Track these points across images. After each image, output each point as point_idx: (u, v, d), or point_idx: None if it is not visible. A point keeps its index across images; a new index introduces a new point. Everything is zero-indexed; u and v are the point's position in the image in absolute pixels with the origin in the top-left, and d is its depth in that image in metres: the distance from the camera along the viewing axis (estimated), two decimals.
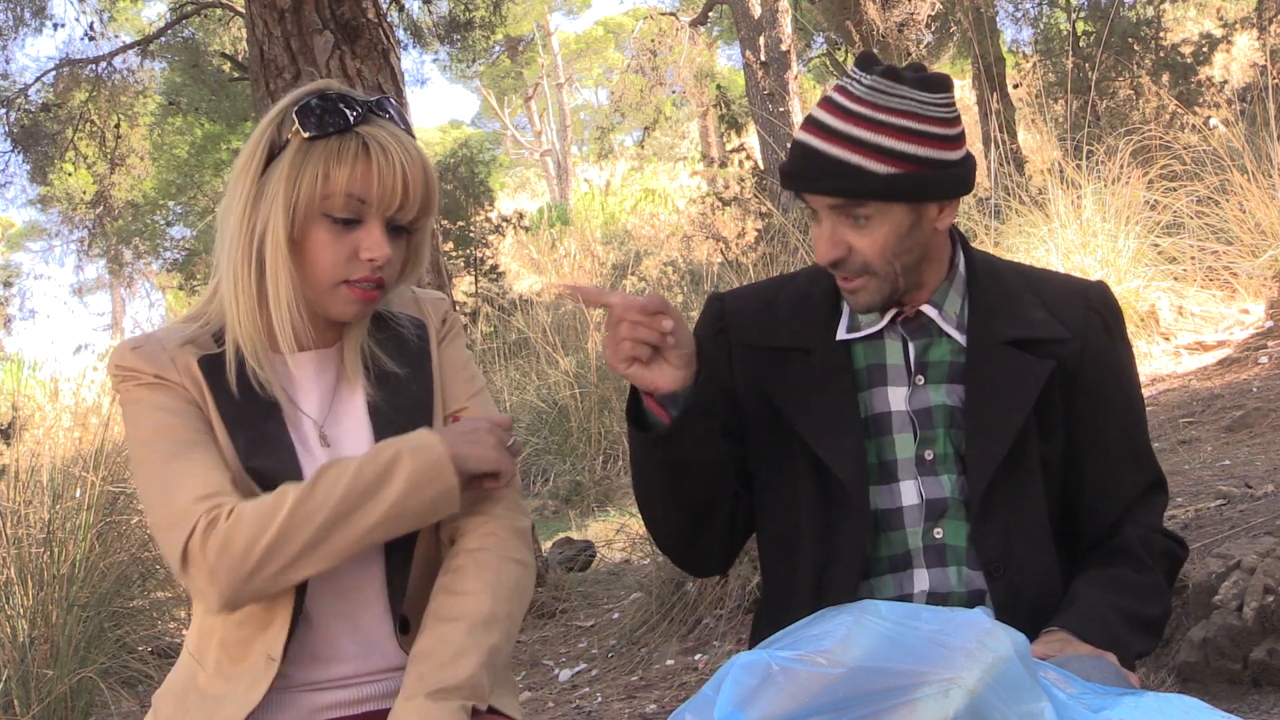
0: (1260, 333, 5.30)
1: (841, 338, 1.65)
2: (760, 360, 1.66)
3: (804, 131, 1.56)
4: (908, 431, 1.61)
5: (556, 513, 6.57)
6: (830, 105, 1.55)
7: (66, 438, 6.61)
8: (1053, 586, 1.60)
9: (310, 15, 4.17)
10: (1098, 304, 1.69)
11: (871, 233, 1.54)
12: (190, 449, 1.44)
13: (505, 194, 25.00)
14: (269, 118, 1.49)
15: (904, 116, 1.51)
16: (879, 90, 1.52)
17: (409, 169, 1.44)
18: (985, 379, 1.60)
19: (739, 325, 1.70)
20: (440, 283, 4.41)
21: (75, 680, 3.59)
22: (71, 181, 13.15)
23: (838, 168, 1.52)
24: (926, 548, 1.60)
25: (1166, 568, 1.64)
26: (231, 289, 1.48)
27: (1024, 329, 1.63)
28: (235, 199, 1.48)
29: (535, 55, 28.97)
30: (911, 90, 1.52)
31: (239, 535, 1.38)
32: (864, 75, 1.55)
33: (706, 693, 1.28)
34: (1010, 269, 1.73)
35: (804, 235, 6.61)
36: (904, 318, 1.63)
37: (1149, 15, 9.71)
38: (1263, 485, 3.22)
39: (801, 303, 1.69)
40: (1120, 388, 1.67)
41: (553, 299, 11.02)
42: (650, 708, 3.28)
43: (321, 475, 1.42)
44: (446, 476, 1.44)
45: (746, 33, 12.20)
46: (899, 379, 1.63)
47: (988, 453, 1.58)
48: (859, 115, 1.52)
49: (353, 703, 1.50)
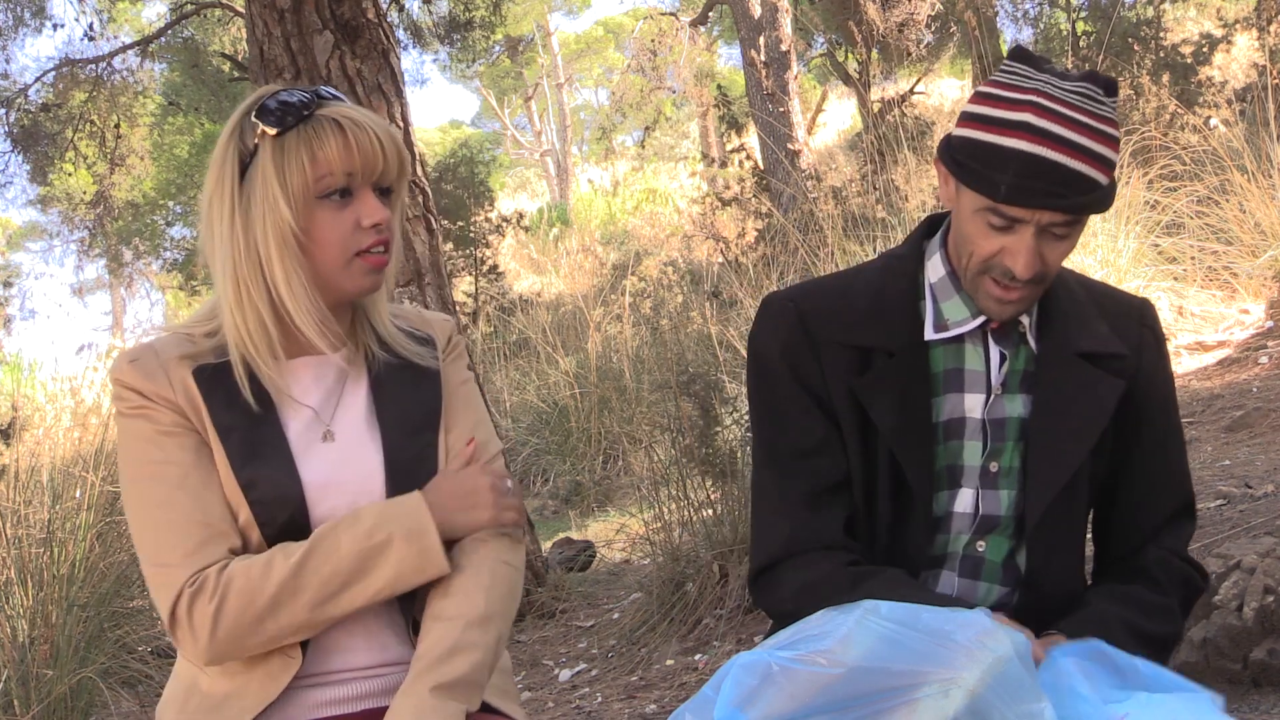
0: (1260, 333, 5.30)
1: (930, 338, 1.59)
2: (847, 358, 1.60)
3: (1031, 142, 1.45)
4: (978, 440, 1.58)
5: (556, 513, 6.57)
6: (1050, 114, 1.45)
7: (66, 438, 6.60)
8: (1075, 600, 1.59)
9: (310, 15, 4.17)
10: (1150, 321, 1.67)
11: (1067, 244, 1.50)
12: (177, 492, 1.45)
13: (505, 194, 24.98)
14: (224, 137, 1.50)
15: (1111, 125, 1.48)
16: (1091, 98, 1.46)
17: (380, 134, 1.48)
18: (1055, 391, 1.57)
19: (822, 323, 1.61)
20: (440, 283, 4.41)
21: (75, 680, 3.59)
22: (71, 181, 13.14)
23: (1080, 181, 1.45)
24: (965, 556, 1.59)
25: (1183, 594, 1.62)
26: (237, 303, 1.48)
27: (1094, 342, 1.60)
28: (219, 218, 1.48)
29: (535, 55, 28.97)
30: (1105, 95, 1.48)
31: (226, 609, 1.41)
32: (1059, 78, 1.48)
33: (706, 693, 1.28)
34: (1074, 278, 1.69)
35: (804, 235, 6.60)
36: (995, 324, 1.59)
37: (1149, 15, 9.71)
38: (1263, 485, 3.22)
39: (878, 299, 1.62)
40: (1165, 408, 1.66)
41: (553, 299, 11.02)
42: (650, 708, 3.28)
43: (312, 551, 1.44)
44: (435, 563, 1.47)
45: (746, 33, 12.20)
46: (977, 385, 1.59)
47: (1053, 471, 1.55)
48: (1087, 127, 1.45)
49: (355, 699, 1.51)
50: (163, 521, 1.45)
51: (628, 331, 8.04)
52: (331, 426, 1.54)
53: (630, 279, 10.01)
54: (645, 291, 9.78)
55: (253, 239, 1.47)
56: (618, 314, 8.60)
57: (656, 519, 4.18)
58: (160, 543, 1.44)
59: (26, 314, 16.12)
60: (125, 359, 1.51)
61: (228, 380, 1.49)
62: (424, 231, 4.36)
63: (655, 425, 6.45)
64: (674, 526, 4.09)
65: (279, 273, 1.47)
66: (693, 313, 7.74)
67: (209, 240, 1.50)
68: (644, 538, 4.46)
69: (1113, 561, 1.65)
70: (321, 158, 1.46)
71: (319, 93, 1.51)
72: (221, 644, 1.42)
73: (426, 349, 1.62)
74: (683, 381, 4.33)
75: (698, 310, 7.60)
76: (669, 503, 4.14)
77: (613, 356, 7.75)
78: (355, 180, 1.48)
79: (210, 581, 1.42)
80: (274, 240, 1.46)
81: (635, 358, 7.56)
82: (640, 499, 4.88)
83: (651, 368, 7.25)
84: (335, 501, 1.51)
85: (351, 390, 1.56)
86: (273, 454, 1.49)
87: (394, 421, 1.55)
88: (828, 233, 6.40)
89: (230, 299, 1.49)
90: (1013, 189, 1.45)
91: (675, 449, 4.26)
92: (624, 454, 6.88)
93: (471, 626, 1.46)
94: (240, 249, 1.47)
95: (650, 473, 4.80)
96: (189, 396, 1.48)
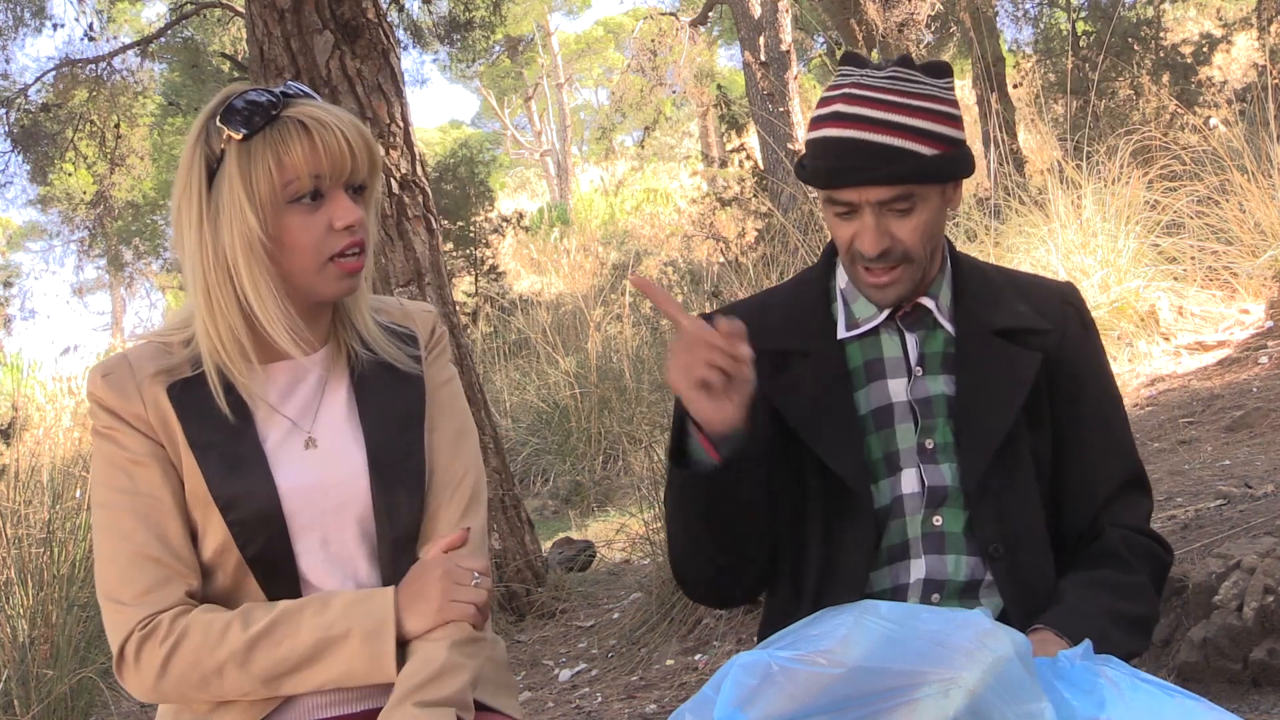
0: (1260, 333, 5.29)
1: (842, 336, 1.66)
2: (762, 365, 1.65)
3: (840, 127, 1.55)
4: (909, 421, 1.63)
5: (556, 513, 6.57)
6: (857, 99, 1.55)
7: (66, 438, 6.61)
8: (1050, 574, 1.61)
9: (310, 15, 4.17)
10: (1073, 299, 1.73)
11: (914, 219, 1.56)
12: (138, 525, 1.44)
13: (505, 194, 24.99)
14: (190, 141, 1.46)
15: (932, 101, 1.56)
16: (901, 79, 1.56)
17: (348, 133, 1.44)
18: (975, 369, 1.63)
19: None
20: (440, 283, 4.41)
21: (75, 680, 3.59)
22: (71, 181, 13.14)
23: (892, 154, 1.53)
24: (925, 535, 1.61)
25: (1152, 569, 1.64)
26: (208, 311, 1.46)
27: (1010, 319, 1.66)
28: (188, 225, 1.45)
29: (535, 55, 28.96)
30: (925, 77, 1.57)
31: (174, 660, 1.41)
32: (875, 69, 1.57)
33: (706, 693, 1.28)
34: (993, 268, 1.77)
35: (804, 235, 6.60)
36: (902, 312, 1.65)
37: (1149, 15, 9.71)
38: (1263, 485, 3.22)
39: (791, 309, 1.71)
40: (1097, 378, 1.70)
41: (553, 299, 11.02)
42: (650, 708, 3.28)
43: (271, 627, 1.41)
44: (384, 670, 1.43)
45: (746, 33, 12.20)
46: (898, 371, 1.65)
47: (981, 442, 1.60)
48: (896, 104, 1.54)
49: (354, 699, 1.50)
50: (121, 554, 1.44)
51: (628, 331, 8.05)
52: (313, 433, 1.51)
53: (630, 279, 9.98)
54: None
55: (221, 247, 1.44)
56: (618, 314, 8.61)
57: (656, 519, 4.18)
58: (116, 576, 1.44)
59: (26, 314, 16.14)
60: (99, 372, 1.48)
61: (202, 393, 1.47)
62: (424, 231, 4.36)
63: (655, 425, 6.46)
64: None
65: (247, 281, 1.44)
66: (693, 313, 7.72)
67: (179, 246, 1.48)
68: (644, 538, 4.46)
69: (1075, 546, 1.66)
70: (288, 162, 1.42)
71: (286, 90, 1.47)
72: (165, 692, 1.43)
73: (408, 346, 1.59)
74: None
75: (698, 310, 7.59)
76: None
77: (613, 356, 7.75)
78: (324, 182, 1.44)
79: (163, 628, 1.41)
80: (241, 248, 1.43)
81: (635, 358, 7.56)
82: (640, 499, 4.88)
83: (651, 368, 7.26)
84: (320, 506, 1.49)
85: (332, 393, 1.54)
86: (251, 470, 1.46)
87: (376, 421, 1.53)
88: (827, 233, 6.39)
89: (201, 307, 1.46)
90: (831, 171, 1.55)
91: None
92: (624, 454, 6.88)
93: (461, 646, 1.44)
94: (209, 257, 1.44)
95: (650, 473, 4.80)
96: (161, 415, 1.46)
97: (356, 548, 1.52)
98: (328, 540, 1.50)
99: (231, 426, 1.47)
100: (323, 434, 1.52)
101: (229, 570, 1.47)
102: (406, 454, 1.53)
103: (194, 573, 1.46)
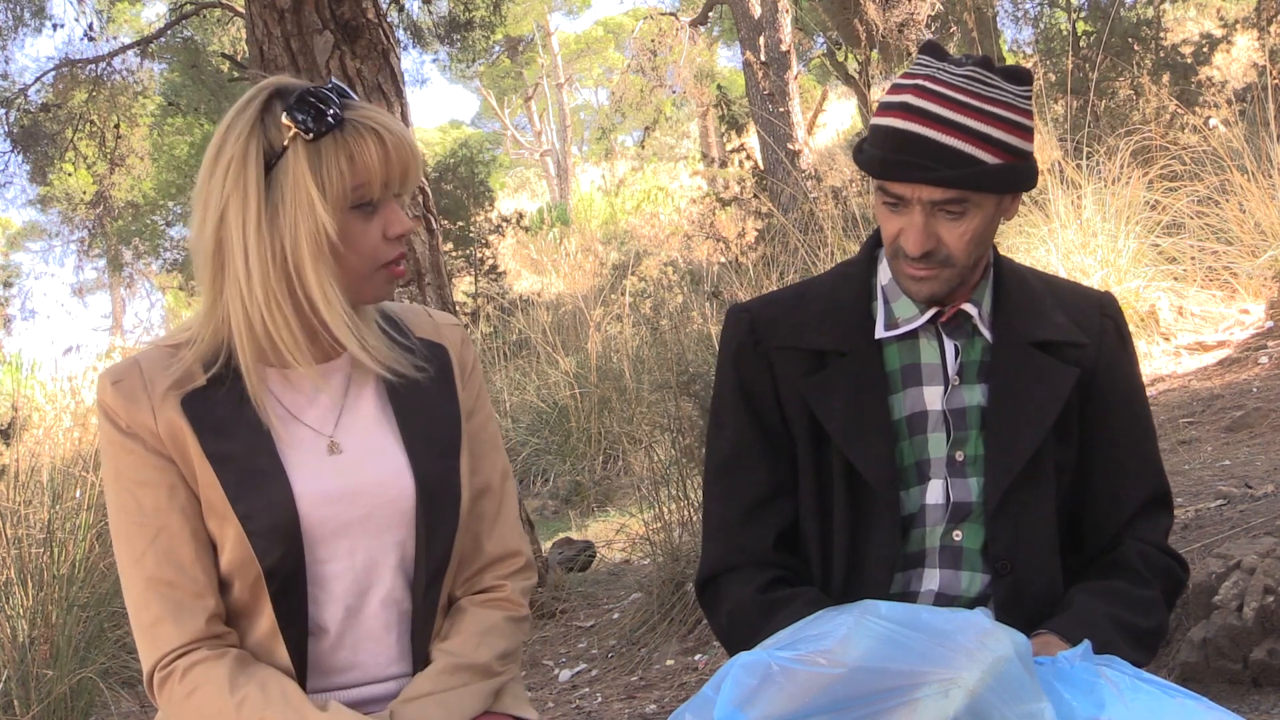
0: (1260, 333, 5.30)
1: (880, 336, 1.62)
2: (798, 363, 1.63)
3: (906, 119, 1.50)
4: (941, 431, 1.60)
5: (556, 513, 6.57)
6: (929, 94, 1.50)
7: (66, 438, 6.60)
8: (1055, 589, 1.60)
9: (310, 15, 4.17)
10: (1111, 311, 1.69)
11: (964, 225, 1.52)
12: (149, 549, 1.42)
13: (505, 194, 24.99)
14: (241, 132, 1.41)
15: (1005, 108, 1.50)
16: (978, 80, 1.50)
17: (411, 144, 1.44)
18: (1010, 380, 1.60)
19: (772, 331, 1.65)
20: (440, 283, 4.41)
21: (75, 680, 3.58)
22: (71, 181, 13.15)
23: (953, 157, 1.48)
24: (943, 548, 1.60)
25: (1165, 585, 1.63)
26: (259, 309, 1.41)
27: (1049, 331, 1.62)
28: (244, 217, 1.40)
29: (535, 55, 28.96)
30: (1003, 81, 1.51)
31: (187, 707, 1.40)
32: (954, 64, 1.52)
33: (706, 693, 1.28)
34: (1033, 273, 1.72)
35: (804, 235, 6.60)
36: (945, 318, 1.61)
37: (1149, 15, 9.70)
38: (1263, 485, 3.22)
39: (830, 304, 1.66)
40: (1130, 397, 1.67)
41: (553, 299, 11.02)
42: (650, 708, 3.28)
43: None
44: None
45: (746, 33, 12.20)
46: (935, 378, 1.61)
47: (1009, 457, 1.57)
48: (967, 105, 1.49)
49: (362, 703, 1.49)
50: (135, 580, 1.43)
51: (628, 331, 8.04)
52: (336, 437, 1.48)
53: (630, 279, 10.01)
54: (645, 291, 9.77)
55: (286, 240, 1.40)
56: (618, 314, 8.60)
57: (656, 519, 4.18)
58: (134, 601, 1.44)
59: (26, 314, 16.13)
60: (109, 379, 1.45)
61: (217, 402, 1.43)
62: (424, 231, 4.36)
63: (655, 425, 6.45)
64: (674, 526, 4.09)
65: (312, 279, 1.40)
66: (693, 313, 7.73)
67: (224, 236, 1.41)
68: (644, 538, 4.46)
69: (1092, 556, 1.65)
70: (361, 166, 1.40)
71: (341, 90, 1.44)
72: None
73: (435, 358, 1.55)
74: (683, 381, 4.33)
75: (698, 310, 7.60)
76: (669, 503, 4.14)
77: (613, 356, 7.75)
78: (388, 190, 1.43)
79: (178, 673, 1.41)
80: (309, 247, 1.39)
81: (635, 358, 7.56)
82: (640, 499, 4.88)
83: (651, 368, 7.25)
84: (348, 514, 1.45)
85: (356, 398, 1.51)
86: (269, 481, 1.43)
87: (417, 437, 1.50)
88: (828, 233, 6.40)
89: (250, 300, 1.41)
90: (886, 163, 1.51)
91: (675, 449, 4.26)
92: (624, 454, 6.88)
93: (488, 633, 1.52)
94: (269, 250, 1.40)
95: (650, 473, 4.80)
96: (171, 429, 1.42)
97: (384, 556, 1.48)
98: (355, 549, 1.47)
99: (251, 438, 1.43)
100: (348, 439, 1.49)
101: (248, 581, 1.44)
102: (446, 480, 1.51)
103: (211, 592, 1.43)
